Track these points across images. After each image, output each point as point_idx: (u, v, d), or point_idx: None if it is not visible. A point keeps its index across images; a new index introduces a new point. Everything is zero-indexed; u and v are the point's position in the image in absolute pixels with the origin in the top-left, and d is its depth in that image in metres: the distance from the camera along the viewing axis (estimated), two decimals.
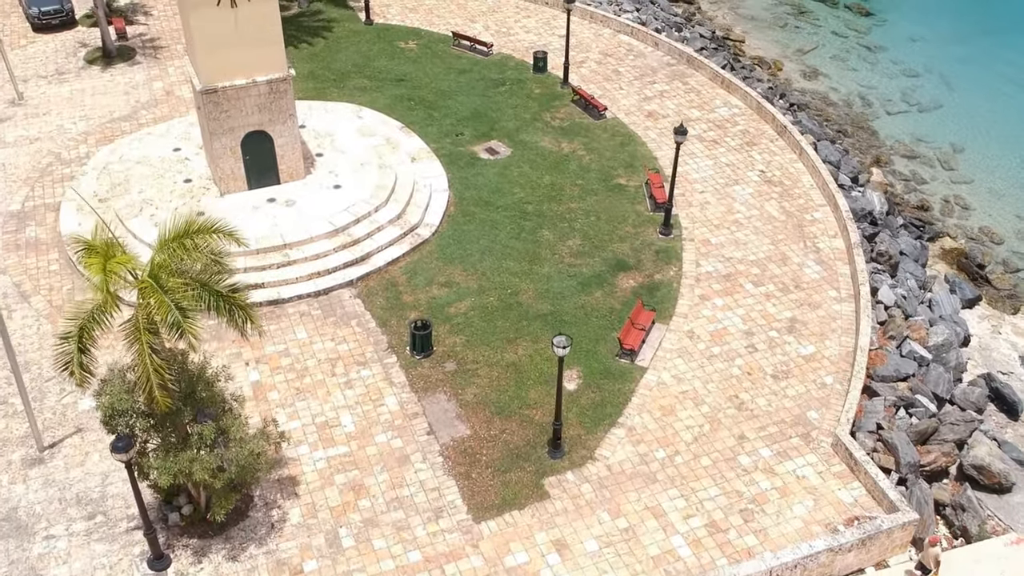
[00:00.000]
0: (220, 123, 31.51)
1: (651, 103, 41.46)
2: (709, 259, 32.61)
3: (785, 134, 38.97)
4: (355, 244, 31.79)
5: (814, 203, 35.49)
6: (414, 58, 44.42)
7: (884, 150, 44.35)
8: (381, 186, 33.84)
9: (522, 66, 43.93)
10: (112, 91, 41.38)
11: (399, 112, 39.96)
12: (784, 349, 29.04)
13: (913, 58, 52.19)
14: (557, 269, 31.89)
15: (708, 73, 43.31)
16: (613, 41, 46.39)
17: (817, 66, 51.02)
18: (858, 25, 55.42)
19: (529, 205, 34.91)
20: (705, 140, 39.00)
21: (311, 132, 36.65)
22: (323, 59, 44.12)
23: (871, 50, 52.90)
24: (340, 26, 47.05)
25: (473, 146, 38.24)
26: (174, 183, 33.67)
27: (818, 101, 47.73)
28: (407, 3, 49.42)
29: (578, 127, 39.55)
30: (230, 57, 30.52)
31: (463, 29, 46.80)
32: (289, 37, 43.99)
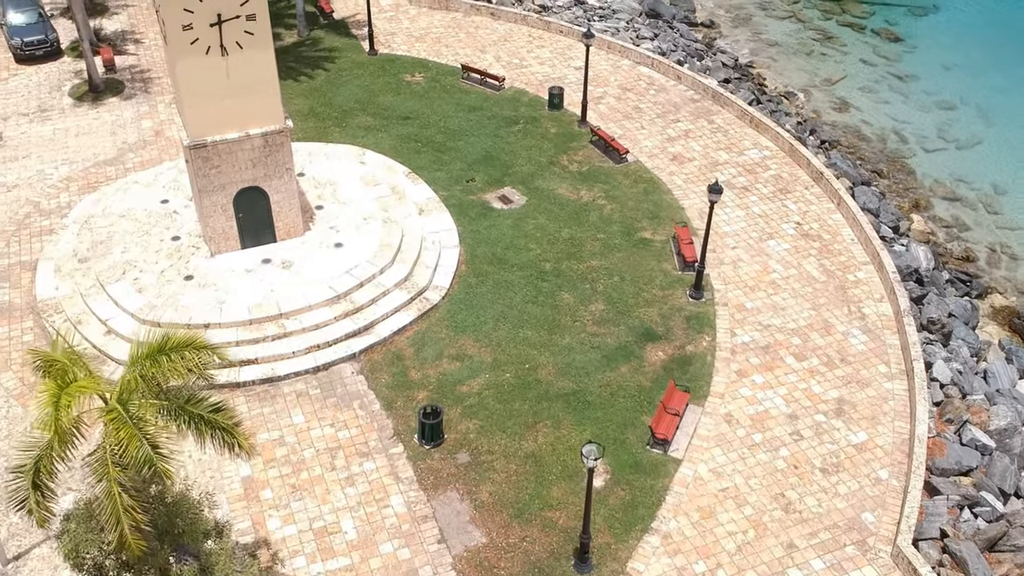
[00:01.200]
0: (210, 180, 28.74)
1: (675, 144, 38.65)
2: (745, 327, 29.79)
3: (821, 180, 36.14)
4: (358, 312, 29.01)
5: (856, 260, 32.66)
6: (421, 93, 41.62)
7: (923, 192, 41.50)
8: (386, 244, 31.06)
9: (536, 102, 41.13)
10: (98, 130, 38.62)
11: (405, 155, 37.18)
12: (832, 436, 26.22)
13: (947, 88, 49.33)
14: (579, 339, 29.09)
15: (735, 110, 40.49)
16: (632, 73, 43.57)
17: (847, 97, 48.17)
18: (887, 52, 52.56)
19: (547, 263, 32.12)
20: (735, 187, 36.18)
21: (311, 181, 33.88)
22: (324, 94, 41.33)
23: (902, 79, 50.04)
24: (342, 57, 44.25)
25: (485, 194, 35.46)
26: (161, 241, 30.89)
27: (850, 136, 44.88)
28: (413, 32, 46.63)
29: (598, 172, 36.75)
30: (221, 109, 27.75)
31: (473, 60, 44.02)
32: (287, 70, 41.32)
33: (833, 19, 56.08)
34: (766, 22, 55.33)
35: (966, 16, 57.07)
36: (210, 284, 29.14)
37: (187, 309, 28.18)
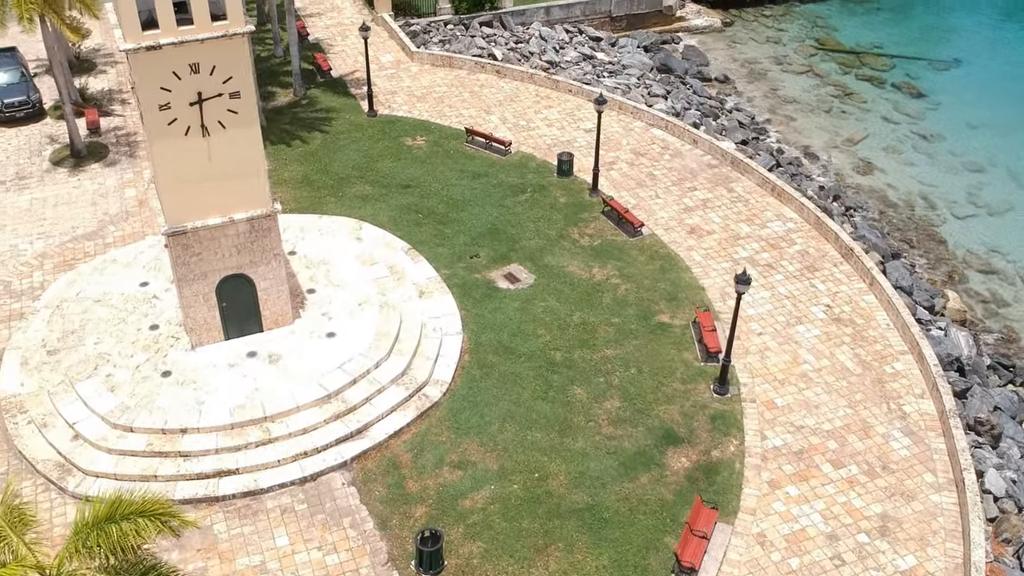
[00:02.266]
0: (191, 268, 26.28)
1: (693, 215, 36.22)
2: (776, 428, 27.13)
3: (851, 257, 33.63)
4: (350, 413, 26.42)
5: (893, 349, 30.05)
6: (423, 158, 39.30)
7: (956, 264, 38.98)
8: (383, 333, 28.52)
9: (544, 168, 38.78)
10: (78, 200, 36.28)
11: (405, 228, 34.78)
12: (878, 561, 23.48)
13: (974, 148, 47.03)
14: (593, 443, 26.45)
15: (755, 177, 38.10)
16: (646, 137, 41.26)
17: (870, 158, 45.82)
18: (910, 109, 50.29)
19: (557, 352, 29.54)
20: (759, 264, 33.68)
21: (302, 260, 31.42)
22: (320, 159, 39.01)
23: (927, 139, 47.72)
24: (340, 118, 42.00)
25: (490, 272, 32.98)
26: (138, 330, 28.37)
27: (876, 201, 42.46)
28: (415, 91, 44.43)
29: (611, 247, 34.28)
30: (202, 193, 25.35)
31: (477, 122, 41.77)
32: (281, 133, 39.14)
33: (852, 73, 53.96)
34: (782, 77, 53.19)
35: (988, 71, 54.93)
36: (189, 381, 26.59)
37: (163, 411, 25.61)
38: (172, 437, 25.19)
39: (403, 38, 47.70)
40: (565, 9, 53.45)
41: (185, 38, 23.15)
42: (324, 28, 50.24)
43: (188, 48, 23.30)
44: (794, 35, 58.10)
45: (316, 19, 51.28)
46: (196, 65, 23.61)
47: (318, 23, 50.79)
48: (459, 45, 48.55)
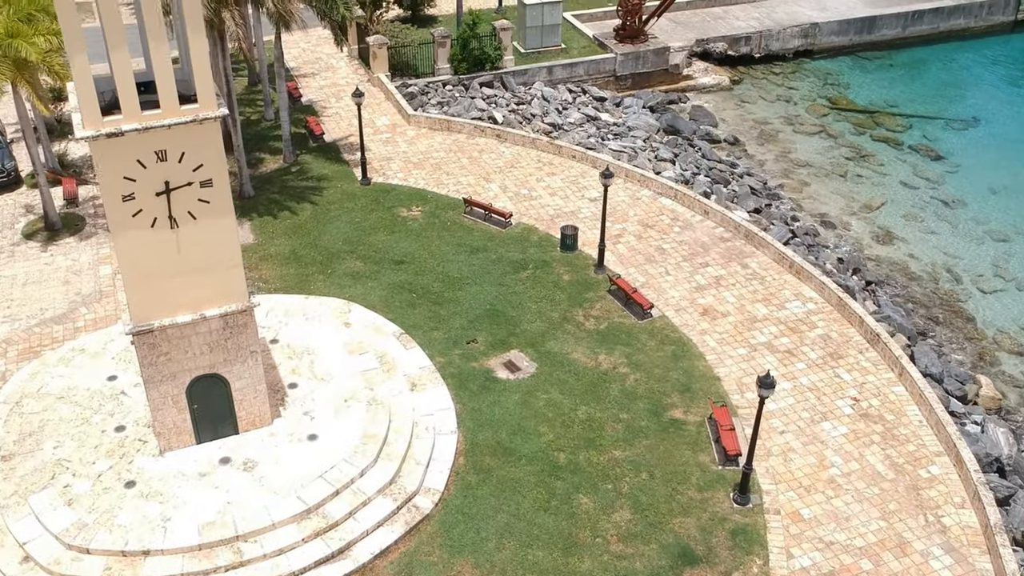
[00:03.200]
0: (158, 369, 23.90)
1: (706, 294, 33.88)
2: (803, 545, 24.54)
3: (877, 343, 31.22)
4: (332, 529, 23.90)
5: (927, 450, 27.53)
6: (418, 231, 37.08)
7: (986, 344, 36.53)
8: (370, 435, 26.06)
9: (547, 242, 36.55)
10: (49, 278, 34.02)
11: (398, 309, 32.48)
12: None
13: (998, 216, 44.81)
14: (601, 563, 23.86)
15: (771, 252, 35.82)
16: (654, 207, 39.07)
17: (890, 226, 43.57)
18: (929, 172, 48.15)
19: (561, 453, 27.05)
20: (778, 350, 31.27)
21: (284, 349, 29.05)
22: (309, 232, 36.80)
23: (948, 205, 45.51)
24: (332, 187, 39.87)
25: (488, 359, 30.59)
26: (102, 432, 25.94)
27: (898, 274, 40.12)
28: (411, 156, 42.36)
29: (618, 331, 31.90)
30: (171, 288, 23.06)
31: (476, 190, 39.64)
32: (269, 203, 37.01)
33: (867, 134, 51.92)
34: (794, 138, 51.14)
35: (1008, 130, 52.93)
36: (155, 493, 24.09)
37: (124, 530, 23.09)
38: (133, 560, 22.67)
39: (400, 100, 45.78)
40: (568, 69, 51.62)
41: (150, 124, 20.99)
42: (318, 89, 48.36)
43: (154, 134, 21.15)
44: (805, 93, 56.20)
45: (310, 79, 49.42)
46: (163, 152, 21.45)
47: (312, 84, 48.93)
48: (458, 107, 46.60)
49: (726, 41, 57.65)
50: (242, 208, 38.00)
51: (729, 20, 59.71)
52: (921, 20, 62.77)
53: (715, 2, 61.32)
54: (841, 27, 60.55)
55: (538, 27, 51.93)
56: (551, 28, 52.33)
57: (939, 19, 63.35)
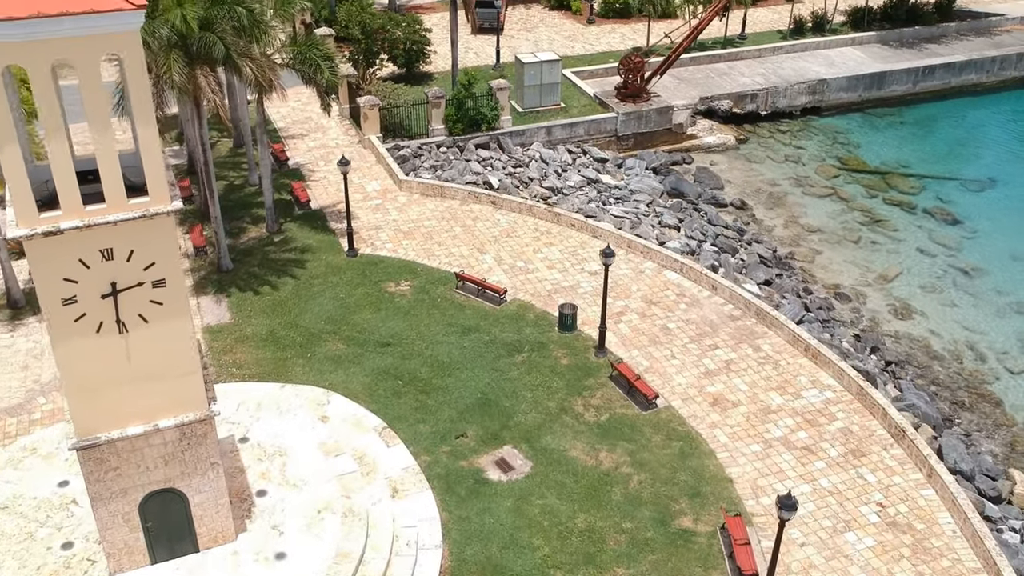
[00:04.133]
0: (107, 485, 21.36)
1: (715, 381, 31.39)
2: None
3: (903, 439, 28.64)
4: None
5: (964, 567, 24.85)
6: (406, 309, 34.69)
7: (1017, 431, 33.97)
8: (344, 554, 23.42)
9: (544, 321, 34.13)
10: (7, 362, 31.60)
11: (381, 398, 30.00)
12: None
13: (1020, 286, 42.42)
14: None
15: (785, 333, 33.37)
16: (658, 281, 36.71)
17: (907, 299, 41.16)
18: (946, 238, 45.86)
19: (557, 571, 24.40)
20: (795, 447, 28.69)
21: (254, 450, 26.48)
22: (290, 310, 34.41)
23: (968, 275, 43.15)
24: (316, 259, 37.55)
25: (479, 457, 28.03)
26: (47, 550, 23.31)
27: (919, 352, 37.64)
28: (401, 225, 40.10)
29: (620, 424, 29.37)
30: (120, 399, 20.58)
31: (469, 262, 37.32)
32: (248, 277, 34.69)
33: (879, 196, 49.76)
34: (803, 202, 48.95)
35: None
36: None
37: None
38: None
39: (391, 164, 43.65)
40: (568, 129, 49.63)
41: (94, 220, 18.64)
42: (306, 151, 46.28)
43: (98, 232, 18.79)
44: (814, 153, 54.17)
45: (298, 141, 47.36)
46: (109, 251, 19.07)
47: (300, 145, 46.86)
48: (452, 171, 44.45)
49: (731, 99, 55.77)
50: (220, 283, 35.74)
51: (734, 76, 57.87)
52: (932, 75, 61.05)
53: (719, 58, 59.57)
54: (850, 83, 58.77)
55: (536, 86, 50.03)
56: (550, 87, 50.42)
57: (950, 74, 61.64)
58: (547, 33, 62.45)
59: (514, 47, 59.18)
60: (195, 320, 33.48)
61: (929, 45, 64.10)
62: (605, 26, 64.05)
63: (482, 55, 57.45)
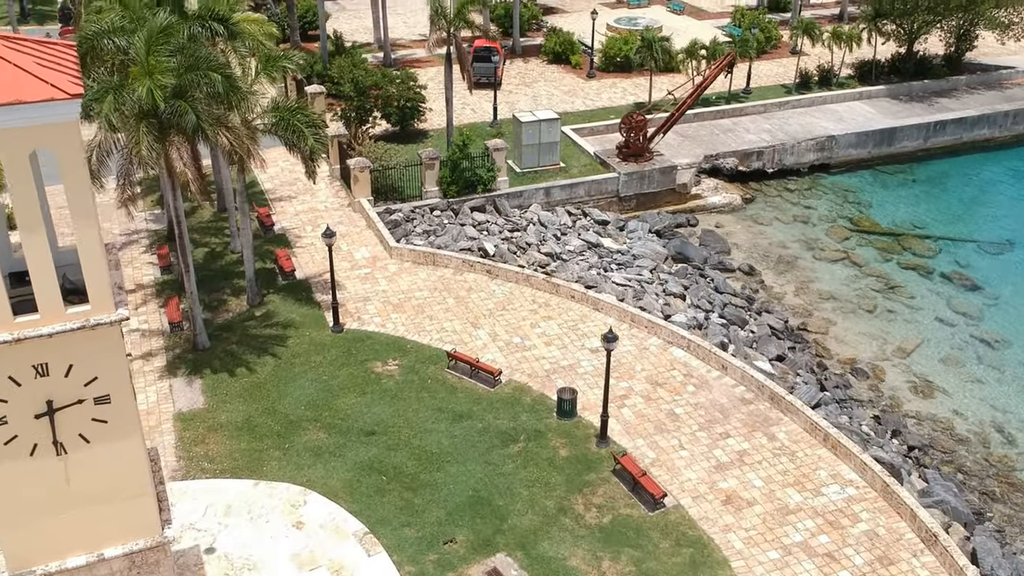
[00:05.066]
0: None
1: (728, 475, 28.93)
2: None
3: (935, 545, 26.09)
4: None
5: None
6: (394, 391, 32.32)
7: None
8: None
9: (541, 405, 31.76)
10: None
11: (363, 497, 27.55)
12: None
13: None
14: None
15: (801, 420, 30.98)
16: (664, 359, 34.37)
17: (928, 374, 38.74)
18: (965, 306, 43.54)
19: None
20: (816, 554, 26.16)
21: (221, 562, 24.03)
22: (268, 394, 32.05)
23: (991, 346, 40.78)
24: (299, 335, 35.25)
25: (469, 566, 25.55)
26: None
27: (942, 436, 35.15)
28: (391, 296, 37.84)
29: (625, 527, 26.87)
30: (59, 526, 18.18)
31: (462, 338, 35.02)
32: (226, 357, 32.42)
33: (893, 260, 47.51)
34: (814, 266, 46.69)
35: None
36: None
37: None
38: None
39: (381, 230, 41.50)
40: (567, 190, 47.57)
41: (25, 334, 16.37)
42: (293, 215, 44.18)
43: (30, 345, 16.51)
44: (824, 213, 52.04)
45: (285, 203, 45.29)
46: (44, 366, 16.81)
47: (287, 209, 44.77)
48: (446, 236, 42.27)
49: (737, 156, 53.80)
50: (195, 363, 33.41)
51: (739, 133, 55.96)
52: (943, 131, 59.14)
53: (723, 114, 57.74)
54: (859, 139, 56.85)
55: (535, 145, 48.05)
56: (549, 146, 48.45)
57: (962, 129, 59.74)
58: (546, 88, 60.70)
59: (512, 103, 57.41)
60: (166, 406, 31.17)
61: (939, 99, 62.29)
62: (605, 80, 62.31)
63: (479, 111, 55.61)
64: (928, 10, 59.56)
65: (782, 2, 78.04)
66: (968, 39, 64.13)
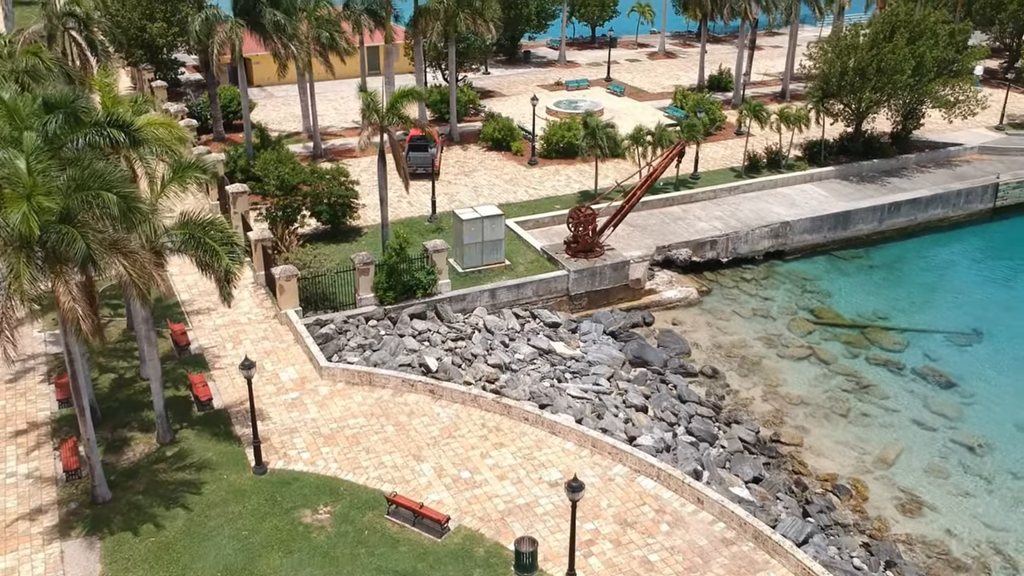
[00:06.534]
0: None
1: None
2: None
3: None
4: None
5: None
6: (325, 548, 28.01)
7: None
8: None
9: (496, 558, 27.76)
10: None
11: None
12: None
13: None
14: None
15: (791, 563, 27.45)
16: (632, 492, 30.68)
17: (913, 488, 35.68)
18: (942, 405, 40.83)
19: None
20: None
21: None
22: (178, 558, 27.48)
23: (974, 452, 38.01)
24: (215, 480, 30.80)
25: None
26: None
27: (939, 564, 31.93)
28: (321, 426, 33.66)
29: None
30: None
31: (404, 475, 30.98)
32: (130, 510, 28.55)
33: (861, 355, 44.83)
34: (779, 366, 43.72)
35: (1015, 345, 46.33)
36: None
37: None
38: None
39: (311, 346, 37.43)
40: (514, 290, 44.12)
41: None
42: (212, 331, 39.85)
43: None
44: (783, 304, 49.38)
45: (204, 317, 40.95)
46: None
47: (205, 323, 40.45)
48: (383, 351, 38.36)
49: (690, 246, 51.12)
50: (93, 520, 28.82)
51: (690, 221, 53.40)
52: (898, 212, 57.46)
53: (673, 201, 55.25)
54: (814, 224, 54.71)
55: (478, 243, 44.69)
56: (492, 244, 45.11)
57: (916, 210, 58.15)
58: (486, 177, 57.67)
59: (451, 194, 54.24)
60: None
61: (891, 179, 60.78)
62: (548, 167, 59.56)
63: (416, 204, 52.25)
64: (876, 89, 58.17)
65: (722, 81, 76.76)
66: (915, 117, 63.01)
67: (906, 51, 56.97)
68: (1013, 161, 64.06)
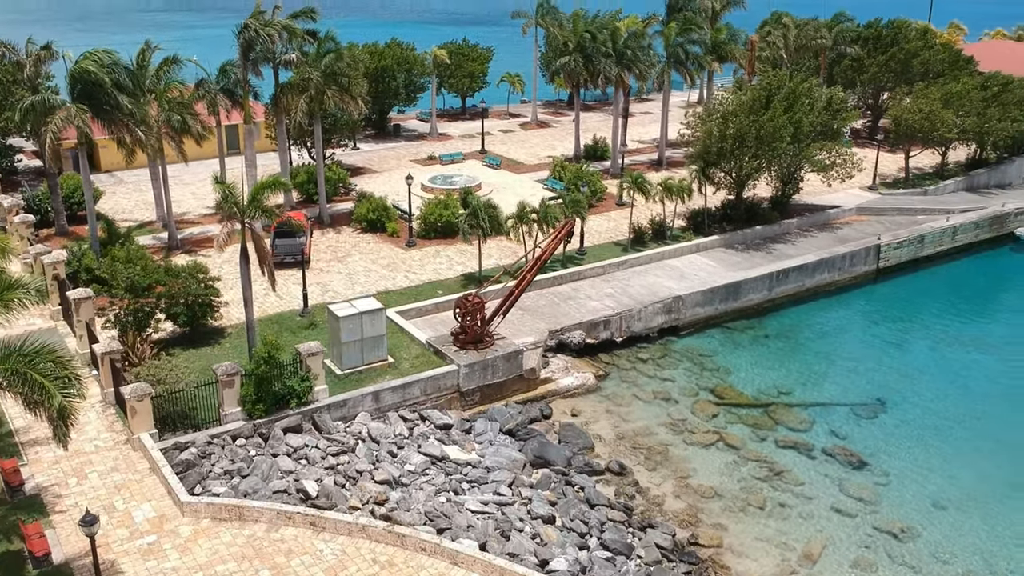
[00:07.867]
0: None
1: None
2: None
3: None
4: None
5: None
6: None
7: None
8: None
9: None
10: None
11: None
12: None
13: (960, 547, 35.78)
14: None
15: None
16: None
17: None
18: (859, 489, 38.91)
19: None
20: None
21: None
22: None
23: (898, 538, 36.05)
24: None
25: None
26: None
27: None
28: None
29: None
30: None
31: None
32: None
33: (769, 438, 42.71)
34: (687, 454, 41.10)
35: (918, 414, 45.40)
36: None
37: None
38: None
39: (168, 477, 32.49)
40: (400, 391, 40.21)
41: None
42: (52, 464, 34.33)
43: None
44: (683, 385, 47.05)
45: (43, 448, 35.32)
46: None
47: (44, 455, 34.86)
48: (254, 477, 33.70)
49: (583, 328, 48.42)
50: None
51: (581, 300, 50.82)
52: (786, 279, 56.49)
53: (561, 279, 52.68)
54: (705, 297, 53.00)
55: (357, 341, 40.69)
56: (373, 341, 41.20)
57: (804, 276, 57.39)
58: (362, 262, 53.81)
59: (324, 283, 50.16)
60: None
61: (775, 245, 60.08)
62: (428, 248, 56.20)
63: (286, 297, 47.90)
64: (755, 156, 57.48)
65: (599, 150, 75.50)
66: (794, 182, 62.76)
67: (784, 118, 56.56)
68: (891, 221, 64.57)
